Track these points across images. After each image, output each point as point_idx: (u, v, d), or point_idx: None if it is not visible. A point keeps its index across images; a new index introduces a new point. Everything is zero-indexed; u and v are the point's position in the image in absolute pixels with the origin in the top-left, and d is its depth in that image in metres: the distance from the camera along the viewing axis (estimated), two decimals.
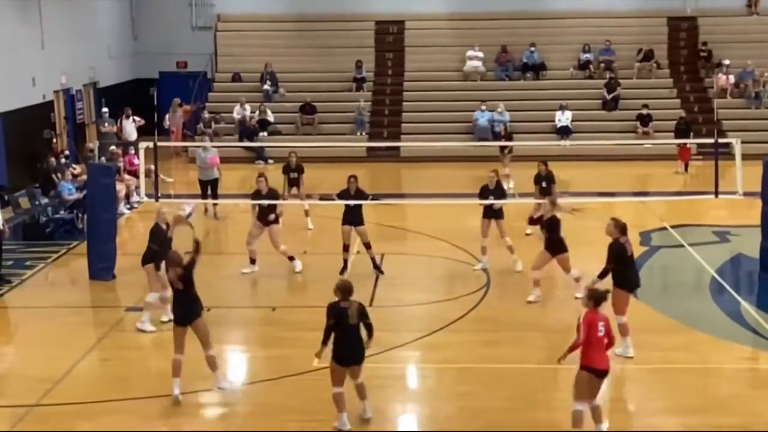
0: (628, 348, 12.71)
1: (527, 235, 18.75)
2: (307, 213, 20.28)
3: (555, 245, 14.97)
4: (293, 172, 20.06)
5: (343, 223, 16.60)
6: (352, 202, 16.48)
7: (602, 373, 10.27)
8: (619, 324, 12.56)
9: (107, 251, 16.92)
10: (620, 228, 12.97)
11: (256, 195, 17.05)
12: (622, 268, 12.80)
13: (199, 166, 21.93)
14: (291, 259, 17.00)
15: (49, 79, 27.00)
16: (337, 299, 10.63)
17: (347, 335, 10.56)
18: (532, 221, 15.78)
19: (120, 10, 33.94)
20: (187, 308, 11.49)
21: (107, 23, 32.61)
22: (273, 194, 17.15)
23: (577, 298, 14.58)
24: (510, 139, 23.74)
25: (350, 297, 10.64)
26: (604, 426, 10.42)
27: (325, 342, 10.62)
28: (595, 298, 10.33)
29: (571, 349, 10.32)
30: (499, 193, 17.13)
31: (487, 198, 16.88)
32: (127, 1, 34.53)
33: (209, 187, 21.48)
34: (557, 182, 19.28)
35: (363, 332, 10.70)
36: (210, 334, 11.61)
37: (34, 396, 11.79)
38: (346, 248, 16.65)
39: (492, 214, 16.89)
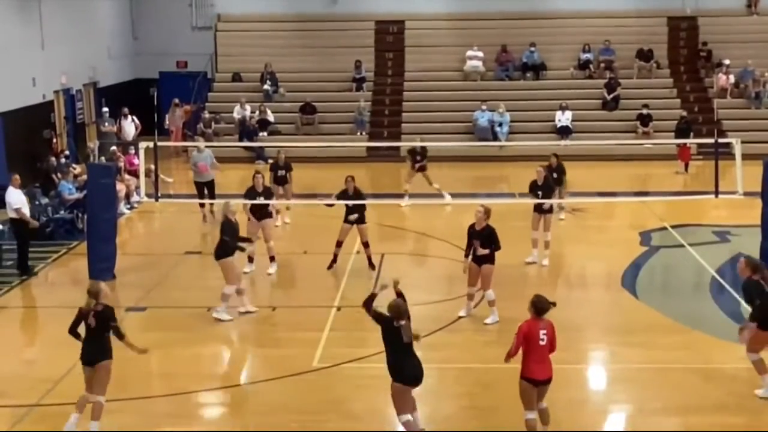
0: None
1: (561, 219, 20.04)
2: (287, 208, 20.42)
3: (485, 256, 14.29)
4: (281, 170, 20.20)
5: (345, 221, 16.91)
6: (342, 202, 16.87)
7: (541, 383, 10.12)
8: (752, 362, 11.67)
9: (107, 251, 16.91)
10: (752, 266, 11.69)
11: (251, 192, 17.26)
12: (762, 305, 11.49)
13: (192, 168, 21.97)
14: (271, 259, 17.10)
15: (49, 79, 27.01)
16: (390, 316, 10.21)
17: (405, 354, 10.19)
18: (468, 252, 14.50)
19: (120, 10, 33.96)
20: (94, 348, 10.68)
21: (107, 23, 32.63)
22: (267, 192, 17.43)
23: (486, 324, 14.20)
24: (425, 156, 23.41)
25: (402, 320, 10.15)
26: (548, 429, 10.28)
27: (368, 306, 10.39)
28: (537, 307, 10.08)
29: (508, 356, 10.24)
30: (547, 188, 17.61)
31: (536, 193, 17.39)
32: (127, 1, 34.54)
33: (205, 189, 21.50)
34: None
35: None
36: (107, 385, 10.68)
37: (35, 396, 11.80)
38: (339, 244, 16.96)
39: (541, 209, 17.33)
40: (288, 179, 20.16)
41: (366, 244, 17.03)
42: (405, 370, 10.17)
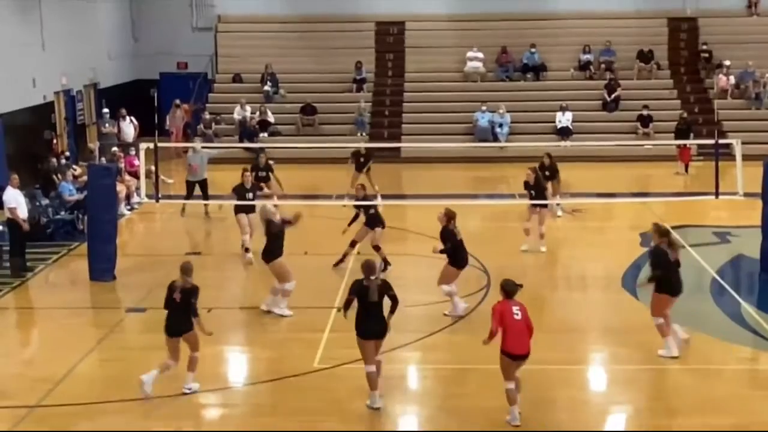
0: (671, 348, 12.71)
1: (558, 216, 20.81)
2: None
3: (448, 255, 14.75)
4: (261, 171, 20.67)
5: (365, 224, 17.52)
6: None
7: (518, 357, 10.80)
8: (656, 325, 12.82)
9: (108, 252, 16.92)
10: (660, 232, 12.90)
11: (240, 188, 18.09)
12: (663, 272, 12.71)
13: (186, 168, 22.41)
14: (247, 250, 17.86)
15: (49, 80, 27.03)
16: (362, 277, 11.36)
17: (369, 312, 11.20)
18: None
19: (120, 11, 33.96)
20: (180, 320, 11.74)
21: (107, 24, 32.63)
22: (256, 187, 18.42)
23: (445, 315, 14.55)
24: (369, 158, 23.51)
25: (372, 276, 11.30)
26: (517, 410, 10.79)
27: (345, 310, 11.45)
28: (505, 289, 11.02)
29: (490, 337, 10.88)
30: (539, 188, 18.58)
31: (529, 191, 18.56)
32: (127, 2, 34.54)
33: (197, 187, 21.87)
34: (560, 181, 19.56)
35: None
36: (198, 343, 11.89)
37: (35, 396, 11.79)
38: (353, 244, 17.40)
39: (535, 205, 18.49)
40: (269, 178, 20.82)
41: (376, 248, 17.31)
42: (364, 325, 11.24)
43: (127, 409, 11.36)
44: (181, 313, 11.71)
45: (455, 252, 14.67)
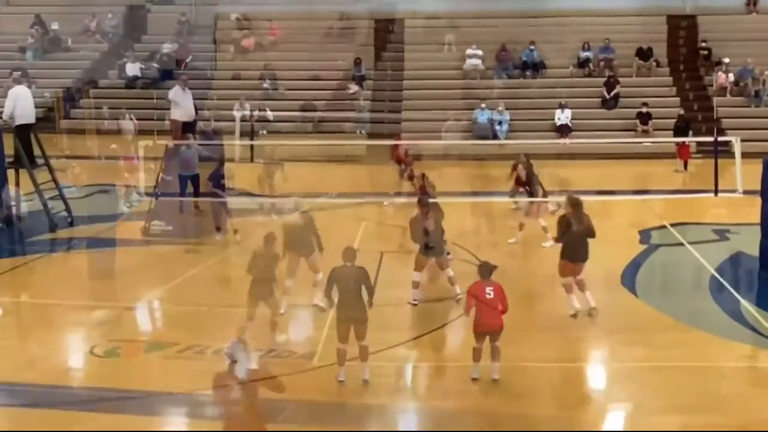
0: (573, 305, 14.11)
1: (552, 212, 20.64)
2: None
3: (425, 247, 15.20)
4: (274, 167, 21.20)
5: None
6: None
7: (488, 333, 11.65)
8: (562, 284, 14.18)
9: (108, 250, 16.94)
10: (571, 203, 14.21)
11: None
12: (568, 240, 14.07)
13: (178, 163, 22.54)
14: (218, 229, 19.18)
15: (49, 78, 27.00)
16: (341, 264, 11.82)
17: (346, 297, 11.64)
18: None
19: (120, 9, 33.93)
20: (264, 287, 12.98)
21: (107, 22, 32.61)
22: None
23: (459, 299, 14.80)
24: (411, 161, 23.70)
25: (350, 262, 11.76)
26: (497, 367, 11.64)
27: (327, 299, 12.02)
28: (481, 270, 11.97)
29: (466, 314, 11.68)
30: (531, 182, 19.05)
31: (524, 186, 19.12)
32: (127, 0, 34.54)
33: (189, 183, 21.94)
34: (558, 181, 19.53)
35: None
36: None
37: (34, 395, 11.80)
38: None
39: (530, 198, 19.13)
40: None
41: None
42: (340, 309, 11.71)
43: (126, 406, 11.36)
44: (265, 279, 12.75)
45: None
